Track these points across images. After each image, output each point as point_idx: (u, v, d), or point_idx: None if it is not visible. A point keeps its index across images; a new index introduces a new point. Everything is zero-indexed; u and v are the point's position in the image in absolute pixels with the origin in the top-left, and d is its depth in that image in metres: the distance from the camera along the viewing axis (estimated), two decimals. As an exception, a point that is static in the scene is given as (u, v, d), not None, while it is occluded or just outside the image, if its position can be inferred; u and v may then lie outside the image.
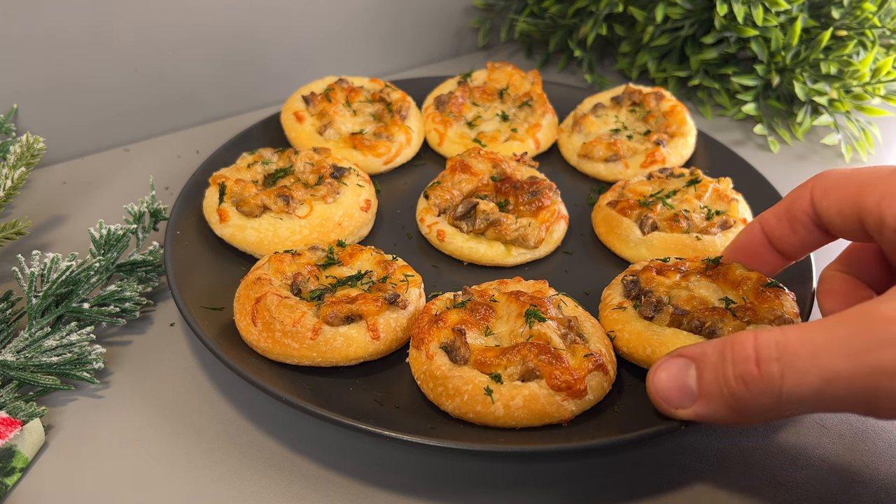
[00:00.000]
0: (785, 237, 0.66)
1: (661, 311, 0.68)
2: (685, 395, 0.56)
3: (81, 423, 0.70)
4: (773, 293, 0.67)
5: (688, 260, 0.75)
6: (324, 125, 1.00)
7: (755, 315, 0.66)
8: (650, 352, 0.66)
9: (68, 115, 1.07)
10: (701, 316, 0.66)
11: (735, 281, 0.69)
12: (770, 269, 0.70)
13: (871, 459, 0.67)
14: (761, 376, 0.50)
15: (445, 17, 1.35)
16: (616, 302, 0.72)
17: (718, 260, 0.72)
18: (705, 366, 0.54)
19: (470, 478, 0.66)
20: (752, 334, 0.52)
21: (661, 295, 0.70)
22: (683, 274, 0.72)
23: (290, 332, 0.69)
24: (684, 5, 1.14)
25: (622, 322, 0.69)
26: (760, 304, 0.67)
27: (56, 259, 0.77)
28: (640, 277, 0.72)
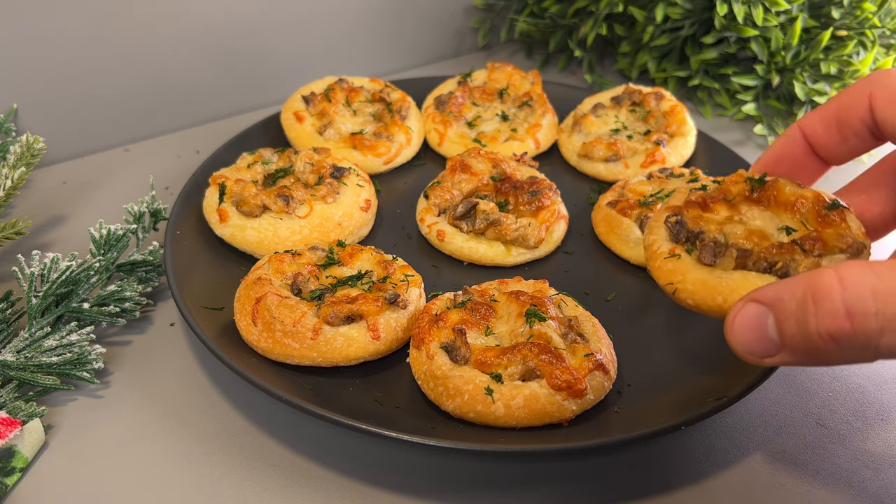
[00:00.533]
0: (832, 145, 0.59)
1: (722, 254, 0.60)
2: (768, 344, 0.49)
3: (81, 423, 0.70)
4: (838, 215, 0.58)
5: (725, 179, 0.65)
6: (324, 125, 1.00)
7: (825, 246, 0.57)
8: (721, 300, 0.57)
9: (68, 115, 1.07)
10: (768, 255, 0.58)
11: (788, 202, 0.61)
12: (810, 177, 0.63)
13: (871, 459, 0.67)
14: (855, 333, 0.43)
15: (445, 17, 1.35)
16: (666, 249, 0.62)
17: (764, 179, 0.63)
18: (784, 315, 0.47)
19: (470, 477, 0.66)
20: (835, 277, 0.44)
21: (716, 235, 0.61)
22: (731, 203, 0.63)
23: (291, 332, 0.69)
24: (684, 5, 1.14)
25: (681, 272, 0.60)
26: (825, 228, 0.58)
27: (56, 259, 0.77)
28: (685, 217, 0.63)
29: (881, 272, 0.43)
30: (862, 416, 0.71)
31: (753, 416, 0.71)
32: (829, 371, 0.76)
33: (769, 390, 0.73)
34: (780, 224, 0.60)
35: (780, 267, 0.56)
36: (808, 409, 0.72)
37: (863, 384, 0.74)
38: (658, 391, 0.69)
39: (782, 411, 0.72)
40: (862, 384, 0.74)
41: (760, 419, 0.71)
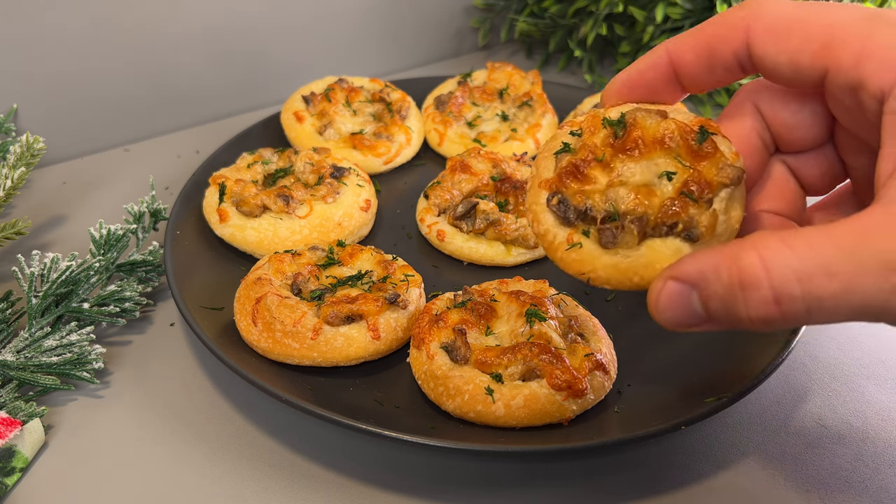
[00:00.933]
0: (698, 75, 0.55)
1: (621, 230, 0.56)
2: (694, 317, 0.49)
3: (81, 423, 0.70)
4: (709, 145, 0.56)
5: (580, 126, 0.60)
6: (324, 125, 1.00)
7: (710, 186, 0.55)
8: (638, 279, 0.56)
9: (68, 115, 1.07)
10: (665, 218, 0.55)
11: (657, 140, 0.57)
12: (667, 104, 0.59)
13: (871, 459, 0.67)
14: (784, 316, 0.44)
15: (445, 17, 1.35)
16: (563, 237, 0.58)
17: (622, 122, 0.58)
18: (710, 296, 0.47)
19: (470, 477, 0.66)
20: (759, 264, 0.44)
21: (605, 207, 0.57)
22: (603, 163, 0.58)
23: (291, 332, 0.69)
24: (684, 5, 1.14)
25: (588, 262, 0.57)
26: (701, 162, 0.56)
27: (56, 259, 0.77)
28: (566, 195, 0.58)
29: (800, 252, 0.43)
30: (862, 416, 0.71)
31: (753, 416, 0.71)
32: (829, 371, 0.76)
33: (769, 390, 0.73)
34: (658, 170, 0.57)
35: (681, 229, 0.55)
36: (808, 409, 0.72)
37: (863, 384, 0.75)
38: (658, 391, 0.69)
39: (782, 411, 0.72)
40: (862, 384, 0.74)
41: (760, 419, 0.71)
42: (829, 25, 0.47)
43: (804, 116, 0.54)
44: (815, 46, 0.47)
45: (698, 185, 0.55)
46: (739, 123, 0.56)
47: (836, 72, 0.47)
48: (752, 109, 0.56)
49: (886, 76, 0.45)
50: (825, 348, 0.78)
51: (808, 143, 0.55)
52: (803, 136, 0.55)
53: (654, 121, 0.57)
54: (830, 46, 0.47)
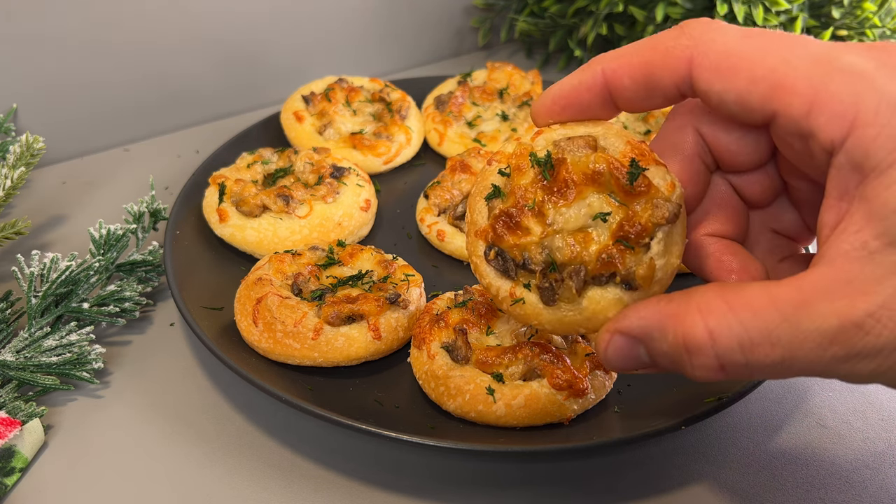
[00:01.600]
0: (634, 100, 0.53)
1: (561, 286, 0.56)
2: (642, 364, 0.50)
3: (81, 423, 0.70)
4: (642, 184, 0.53)
5: (511, 165, 0.58)
6: (324, 125, 1.00)
7: (644, 229, 0.53)
8: (584, 330, 0.56)
9: (68, 115, 1.07)
10: (602, 268, 0.54)
11: (587, 177, 0.55)
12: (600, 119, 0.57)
13: (872, 459, 0.67)
14: (728, 377, 0.46)
15: (445, 17, 1.35)
16: (506, 292, 0.58)
17: (549, 161, 0.56)
18: (658, 353, 0.48)
19: (471, 477, 0.66)
20: (704, 332, 0.45)
21: (540, 260, 0.56)
22: (536, 211, 0.56)
23: (292, 332, 0.69)
24: (684, 5, 1.14)
25: (534, 316, 0.57)
26: (635, 200, 0.54)
27: (56, 259, 0.77)
28: (503, 247, 0.57)
29: (743, 318, 0.44)
30: (862, 416, 0.71)
31: (753, 416, 0.71)
32: (830, 371, 0.76)
33: (769, 390, 0.73)
34: (591, 212, 0.55)
35: (621, 279, 0.54)
36: (808, 409, 0.72)
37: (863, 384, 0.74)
38: (658, 391, 0.69)
39: (782, 411, 0.72)
40: (862, 384, 0.74)
41: (760, 419, 0.71)
42: (778, 68, 0.45)
43: (747, 143, 0.53)
44: (763, 88, 0.45)
45: (634, 230, 0.53)
46: (680, 148, 0.55)
47: (785, 117, 0.45)
48: (692, 132, 0.54)
49: (837, 130, 0.43)
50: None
51: (750, 165, 0.54)
52: (746, 161, 0.54)
53: (582, 155, 0.55)
54: (780, 90, 0.45)
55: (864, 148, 0.42)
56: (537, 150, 0.56)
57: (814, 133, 0.44)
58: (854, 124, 0.42)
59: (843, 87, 0.43)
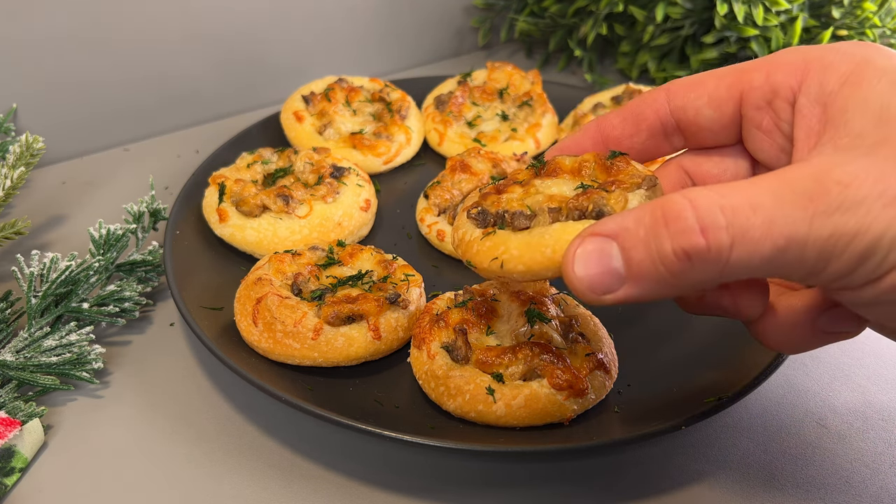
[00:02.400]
0: (622, 139, 0.59)
1: (535, 216, 0.57)
2: (612, 278, 0.48)
3: (81, 423, 0.70)
4: (622, 161, 0.57)
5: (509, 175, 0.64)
6: (323, 125, 1.00)
7: (619, 182, 0.56)
8: (550, 252, 0.54)
9: (68, 115, 1.07)
10: (577, 205, 0.55)
11: (573, 169, 0.59)
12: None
13: (872, 459, 0.67)
14: (709, 248, 0.44)
15: (445, 16, 1.35)
16: (479, 233, 0.58)
17: (542, 159, 0.61)
18: (632, 243, 0.46)
19: (471, 477, 0.66)
20: (683, 199, 0.44)
21: (520, 208, 0.58)
22: (523, 183, 0.60)
23: (292, 332, 0.69)
24: (684, 5, 1.14)
25: (501, 243, 0.56)
26: (615, 176, 0.57)
27: (55, 259, 0.77)
28: (484, 205, 0.60)
29: (724, 192, 0.45)
30: (862, 416, 0.71)
31: (753, 416, 0.71)
32: (829, 371, 0.76)
33: (769, 390, 0.73)
34: (573, 185, 0.58)
35: (591, 209, 0.54)
36: (808, 409, 0.72)
37: (863, 384, 0.74)
38: (658, 391, 0.69)
39: (782, 411, 0.72)
40: (863, 384, 0.74)
41: (760, 419, 0.71)
42: (736, 66, 0.55)
43: (727, 165, 0.59)
44: (728, 80, 0.54)
45: (610, 183, 0.57)
46: (662, 175, 0.61)
47: (749, 92, 0.53)
48: (676, 167, 0.61)
49: (794, 79, 0.51)
50: (825, 348, 0.78)
51: None
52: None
53: (570, 158, 0.61)
54: (741, 75, 0.54)
55: (818, 82, 0.50)
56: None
57: (776, 91, 0.52)
58: (805, 70, 0.51)
59: (791, 54, 0.52)
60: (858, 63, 0.48)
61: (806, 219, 0.43)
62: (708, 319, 0.77)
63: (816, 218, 0.43)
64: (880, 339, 0.79)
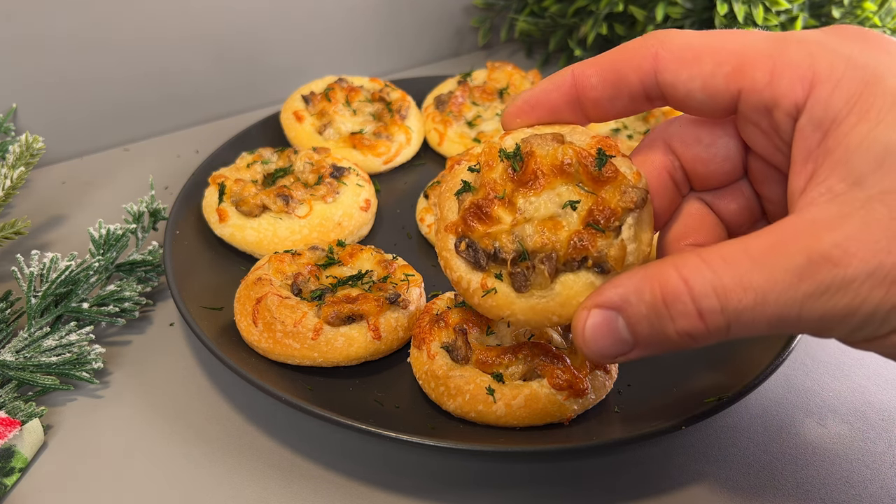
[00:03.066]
0: (602, 100, 0.54)
1: (532, 271, 0.56)
2: (622, 346, 0.49)
3: (81, 423, 0.70)
4: (609, 170, 0.55)
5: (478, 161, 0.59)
6: (323, 125, 1.00)
7: (614, 213, 0.54)
8: (557, 318, 0.56)
9: (68, 115, 1.07)
10: (574, 254, 0.54)
11: (555, 168, 0.56)
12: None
13: (872, 459, 0.67)
14: (709, 330, 0.45)
15: (445, 16, 1.35)
16: (477, 284, 0.58)
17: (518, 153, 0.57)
18: (635, 318, 0.48)
19: (470, 477, 0.66)
20: (678, 279, 0.45)
21: (511, 249, 0.56)
22: (505, 201, 0.57)
23: (292, 332, 0.69)
24: (685, 4, 1.14)
25: (506, 307, 0.57)
26: (603, 187, 0.55)
27: (55, 259, 0.77)
28: (473, 238, 0.57)
29: (716, 267, 0.45)
30: (862, 416, 0.71)
31: (753, 416, 0.71)
32: (829, 371, 0.76)
33: (769, 390, 0.73)
34: (561, 201, 0.56)
35: (592, 264, 0.54)
36: (808, 409, 0.72)
37: (863, 384, 0.74)
38: (658, 391, 0.69)
39: (782, 411, 0.72)
40: (862, 384, 0.74)
41: (760, 419, 0.71)
42: (739, 49, 0.48)
43: (717, 150, 0.54)
44: (727, 69, 0.48)
45: (603, 214, 0.55)
46: (648, 160, 0.56)
47: (749, 92, 0.48)
48: (662, 147, 0.56)
49: (799, 92, 0.46)
50: (825, 348, 0.78)
51: (722, 177, 0.56)
52: (717, 171, 0.55)
53: (550, 148, 0.57)
54: (743, 68, 0.48)
55: (823, 102, 0.45)
56: (506, 147, 0.58)
57: (777, 101, 0.47)
58: (812, 83, 0.45)
59: (799, 54, 0.46)
60: (868, 83, 0.45)
61: (797, 301, 0.43)
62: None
63: (807, 301, 0.43)
64: (880, 339, 0.79)
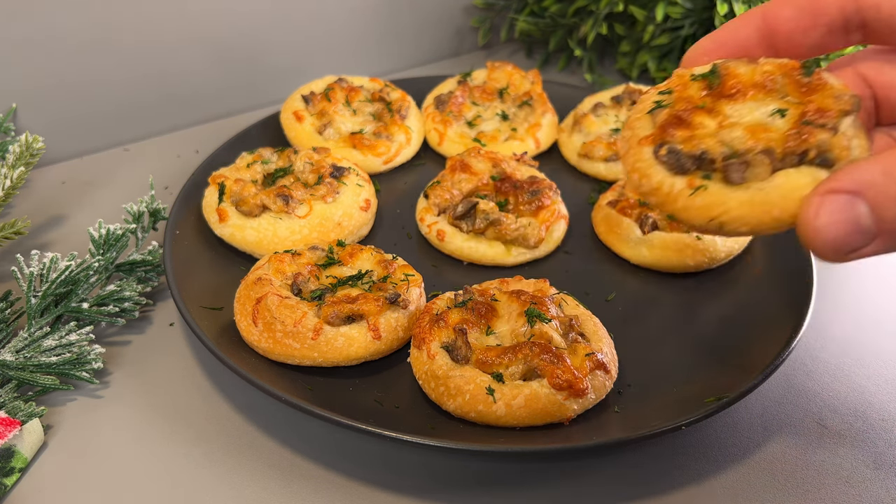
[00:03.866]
0: (795, 34, 0.52)
1: (748, 165, 0.50)
2: (862, 237, 0.44)
3: (81, 423, 0.70)
4: (817, 79, 0.52)
5: (668, 86, 0.56)
6: (323, 125, 1.00)
7: (830, 113, 0.50)
8: (778, 212, 0.49)
9: (68, 115, 1.07)
10: (794, 146, 0.49)
11: (757, 83, 0.53)
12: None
13: (872, 459, 0.67)
14: None
15: (445, 16, 1.35)
16: (683, 185, 0.51)
17: (715, 72, 0.54)
18: (884, 200, 0.43)
19: (470, 477, 0.66)
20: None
21: (721, 150, 0.51)
22: (707, 109, 0.53)
23: (292, 332, 0.69)
24: (685, 4, 1.14)
25: (719, 203, 0.50)
26: (813, 96, 0.51)
27: (55, 259, 0.77)
28: (673, 142, 0.52)
29: None
30: (862, 416, 0.71)
31: (753, 416, 0.71)
32: (830, 371, 0.76)
33: (769, 390, 0.73)
34: (767, 111, 0.52)
35: (814, 156, 0.49)
36: (808, 409, 0.72)
37: (863, 384, 0.74)
38: (658, 391, 0.69)
39: (782, 411, 0.72)
40: (862, 384, 0.74)
41: (760, 419, 0.71)
42: None
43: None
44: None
45: (818, 114, 0.50)
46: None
47: None
48: (852, 74, 0.53)
49: None
50: (825, 348, 0.78)
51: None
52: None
53: (748, 67, 0.53)
54: None
55: None
56: (697, 72, 0.55)
57: None
58: None
59: None
60: None
61: None
62: (708, 319, 0.77)
63: None
64: (880, 339, 0.79)
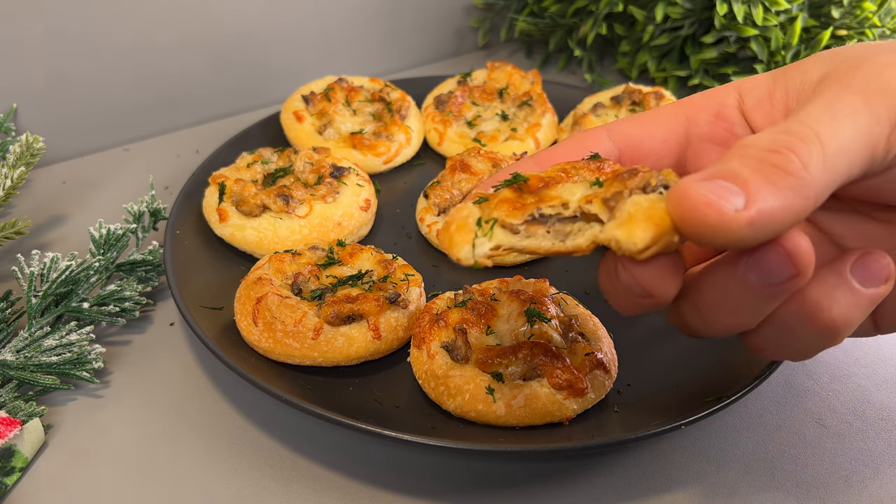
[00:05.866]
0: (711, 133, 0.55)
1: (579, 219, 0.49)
2: (731, 192, 0.42)
3: (81, 423, 0.70)
4: (608, 161, 0.51)
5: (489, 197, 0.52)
6: (323, 125, 1.00)
7: (637, 167, 0.49)
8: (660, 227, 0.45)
9: (68, 115, 1.07)
10: (622, 180, 0.48)
11: (566, 170, 0.51)
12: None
13: (872, 459, 0.67)
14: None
15: (445, 16, 1.35)
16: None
17: (518, 176, 0.51)
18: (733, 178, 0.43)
19: (470, 477, 0.66)
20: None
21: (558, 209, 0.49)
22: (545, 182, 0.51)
23: (292, 332, 0.69)
24: (684, 4, 1.14)
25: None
26: (617, 167, 0.50)
27: (55, 259, 0.77)
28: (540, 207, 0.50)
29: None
30: (862, 416, 0.71)
31: (753, 416, 0.71)
32: (829, 371, 0.76)
33: (769, 390, 0.73)
34: (586, 184, 0.50)
35: (656, 184, 0.47)
36: (808, 409, 0.72)
37: (863, 384, 0.75)
38: (658, 391, 0.69)
39: (782, 411, 0.72)
40: (862, 384, 0.75)
41: (760, 419, 0.71)
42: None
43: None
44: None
45: (631, 167, 0.49)
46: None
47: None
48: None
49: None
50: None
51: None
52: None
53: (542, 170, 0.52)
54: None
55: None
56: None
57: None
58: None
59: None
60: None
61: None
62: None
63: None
64: (880, 338, 0.79)
